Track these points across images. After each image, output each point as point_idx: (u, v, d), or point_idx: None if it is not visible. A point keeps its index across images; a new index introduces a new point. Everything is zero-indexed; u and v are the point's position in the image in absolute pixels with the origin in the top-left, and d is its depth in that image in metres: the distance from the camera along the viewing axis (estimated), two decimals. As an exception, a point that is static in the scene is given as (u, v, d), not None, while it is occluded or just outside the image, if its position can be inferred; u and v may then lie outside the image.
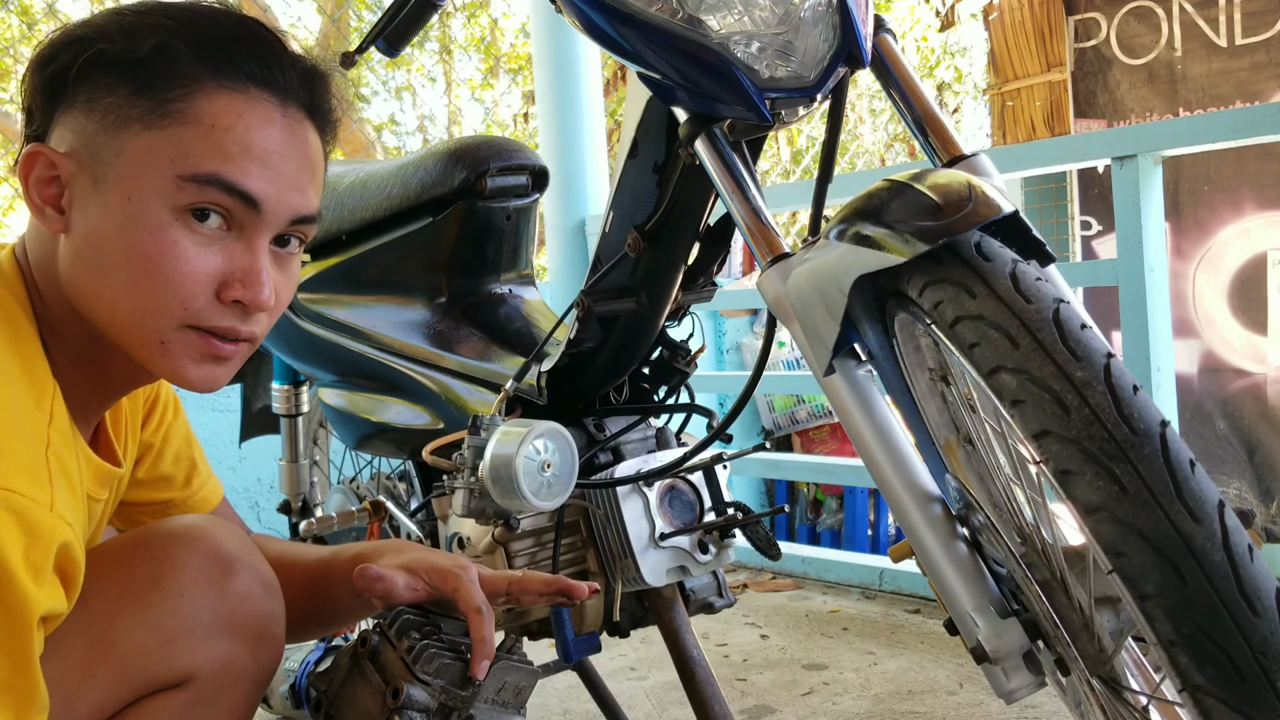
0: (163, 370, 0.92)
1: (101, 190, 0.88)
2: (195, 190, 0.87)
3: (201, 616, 0.96)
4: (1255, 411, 3.20)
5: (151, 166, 0.87)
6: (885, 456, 0.95)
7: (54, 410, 0.88)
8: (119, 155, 0.87)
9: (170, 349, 0.90)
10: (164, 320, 0.89)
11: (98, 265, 0.88)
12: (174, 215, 0.87)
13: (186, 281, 0.88)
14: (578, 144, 3.40)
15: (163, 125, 0.87)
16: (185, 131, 0.87)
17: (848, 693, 2.02)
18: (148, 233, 0.87)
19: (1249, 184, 3.24)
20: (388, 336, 1.64)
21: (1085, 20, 3.64)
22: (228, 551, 0.99)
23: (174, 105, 0.87)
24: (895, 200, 0.90)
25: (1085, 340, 0.79)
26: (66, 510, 0.84)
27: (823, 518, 4.20)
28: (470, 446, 1.26)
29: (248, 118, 0.89)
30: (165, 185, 0.87)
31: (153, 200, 0.87)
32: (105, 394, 0.99)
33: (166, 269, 0.87)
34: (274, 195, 0.90)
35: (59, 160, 0.88)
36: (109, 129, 0.87)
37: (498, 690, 1.06)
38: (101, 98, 0.88)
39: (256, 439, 2.12)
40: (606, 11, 1.05)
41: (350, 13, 6.79)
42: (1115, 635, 0.87)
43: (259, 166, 0.89)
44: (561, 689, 2.07)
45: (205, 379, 0.93)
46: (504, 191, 1.56)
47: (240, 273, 0.90)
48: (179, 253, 0.87)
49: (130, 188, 0.87)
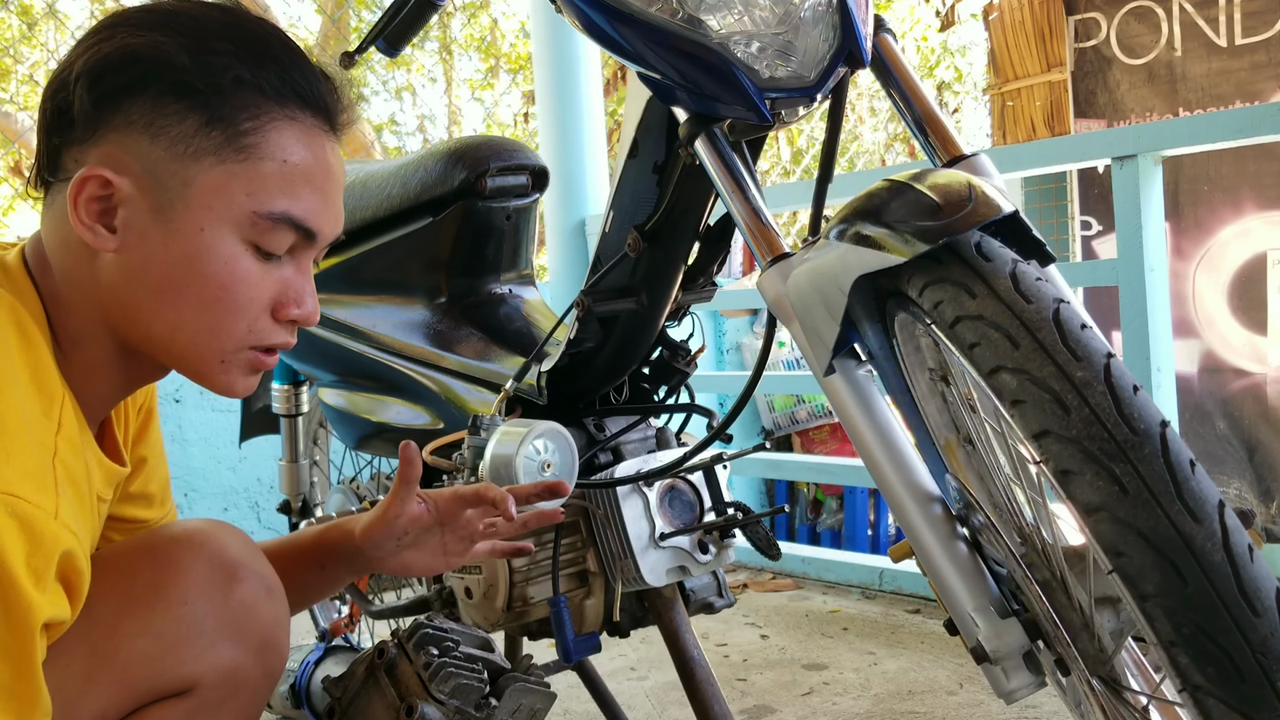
0: (216, 384, 0.97)
1: (168, 217, 0.90)
2: (268, 227, 0.92)
3: (205, 624, 0.95)
4: (1255, 411, 3.20)
5: (227, 200, 0.90)
6: (885, 456, 0.95)
7: (63, 419, 0.88)
8: (189, 185, 0.90)
9: (229, 366, 0.96)
10: (230, 342, 0.94)
11: (163, 289, 0.91)
12: (245, 246, 0.92)
13: (253, 307, 0.94)
14: (578, 144, 3.39)
15: (236, 160, 0.90)
16: (259, 168, 0.91)
17: (848, 693, 2.02)
18: (223, 264, 0.91)
19: (1249, 184, 3.24)
20: (388, 336, 1.64)
21: (1085, 20, 3.64)
22: (232, 557, 0.99)
23: (247, 140, 0.90)
24: (895, 200, 0.90)
25: (1085, 340, 0.79)
26: (71, 519, 0.84)
27: (823, 518, 4.20)
28: (470, 446, 1.26)
29: (308, 147, 0.94)
30: (239, 219, 0.91)
31: (227, 232, 0.91)
32: (117, 396, 1.00)
33: (240, 297, 0.93)
34: (330, 228, 0.97)
35: (117, 182, 0.89)
36: (178, 159, 0.89)
37: (513, 712, 1.06)
38: (169, 125, 0.89)
39: (256, 439, 2.12)
40: (606, 11, 1.05)
41: (350, 13, 6.79)
42: (1115, 635, 0.87)
43: (320, 203, 0.95)
44: (561, 689, 2.07)
45: (248, 389, 0.99)
46: (504, 191, 1.56)
47: (294, 294, 0.96)
48: (251, 281, 0.93)
49: (203, 219, 0.90)
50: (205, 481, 2.96)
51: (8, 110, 6.07)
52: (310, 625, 2.09)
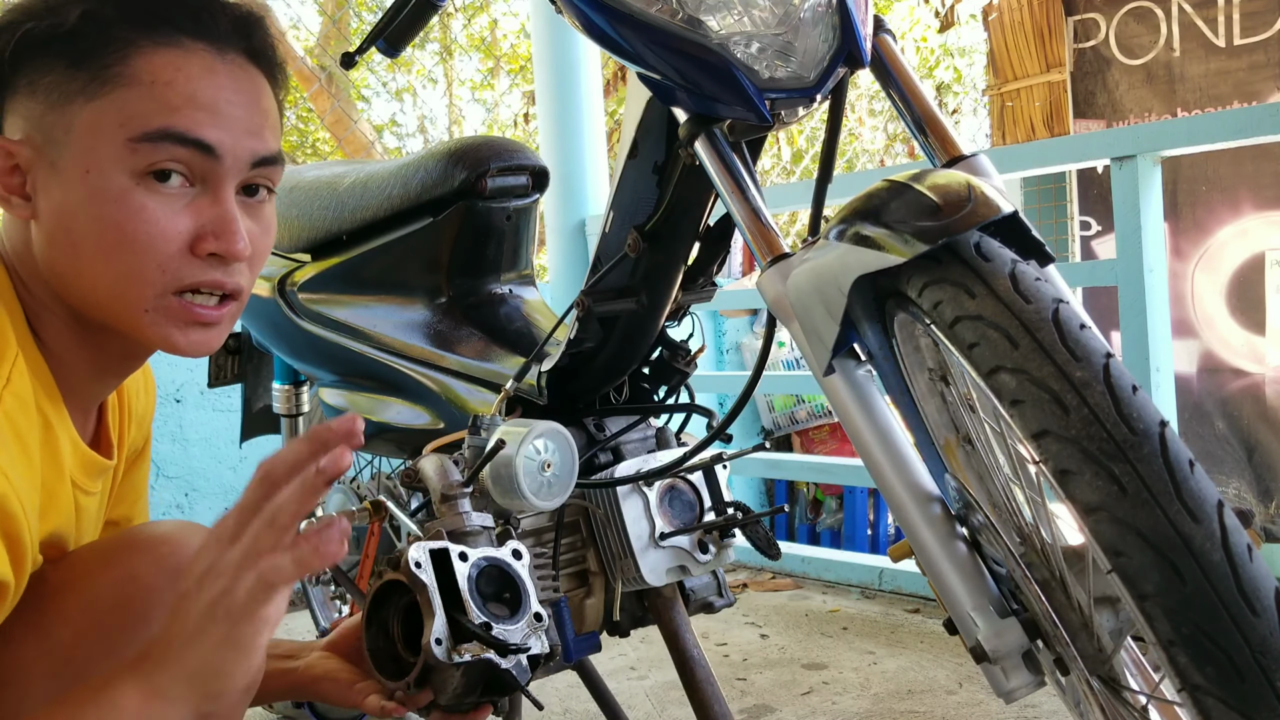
0: (152, 339, 0.91)
1: (60, 170, 0.87)
2: (150, 150, 0.86)
3: None
4: (1254, 411, 3.20)
5: (102, 135, 0.86)
6: (885, 456, 0.95)
7: (13, 375, 0.85)
8: (69, 132, 0.86)
9: (155, 317, 0.89)
10: (145, 288, 0.88)
11: (70, 244, 0.87)
12: (134, 180, 0.86)
13: (159, 243, 0.87)
14: (578, 144, 3.40)
15: (104, 93, 0.86)
16: (128, 94, 0.86)
17: (847, 692, 2.02)
18: (111, 202, 0.86)
19: (1247, 184, 3.24)
20: (388, 336, 1.64)
21: (1084, 21, 3.64)
22: None
23: (111, 70, 0.86)
24: (895, 200, 0.90)
25: (1084, 340, 0.79)
26: (10, 466, 0.80)
27: (822, 517, 4.20)
28: (470, 446, 1.26)
29: (187, 69, 0.88)
30: (119, 151, 0.86)
31: (110, 169, 0.86)
32: (102, 376, 0.97)
33: (139, 235, 0.86)
34: (229, 140, 0.89)
35: (15, 149, 0.88)
36: (55, 107, 0.87)
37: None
38: (41, 78, 0.87)
39: (257, 439, 2.13)
40: (606, 12, 1.05)
41: (350, 14, 6.79)
42: (1114, 635, 0.87)
43: (208, 114, 0.88)
44: (561, 689, 2.07)
45: (195, 344, 0.91)
46: (504, 192, 1.56)
47: (211, 225, 0.88)
48: (147, 215, 0.86)
49: (86, 161, 0.86)
50: (206, 481, 2.96)
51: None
52: (311, 625, 2.09)
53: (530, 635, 0.97)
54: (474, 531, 1.01)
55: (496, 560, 0.99)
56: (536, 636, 0.97)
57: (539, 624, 0.98)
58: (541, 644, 0.97)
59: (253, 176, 0.92)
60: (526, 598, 0.98)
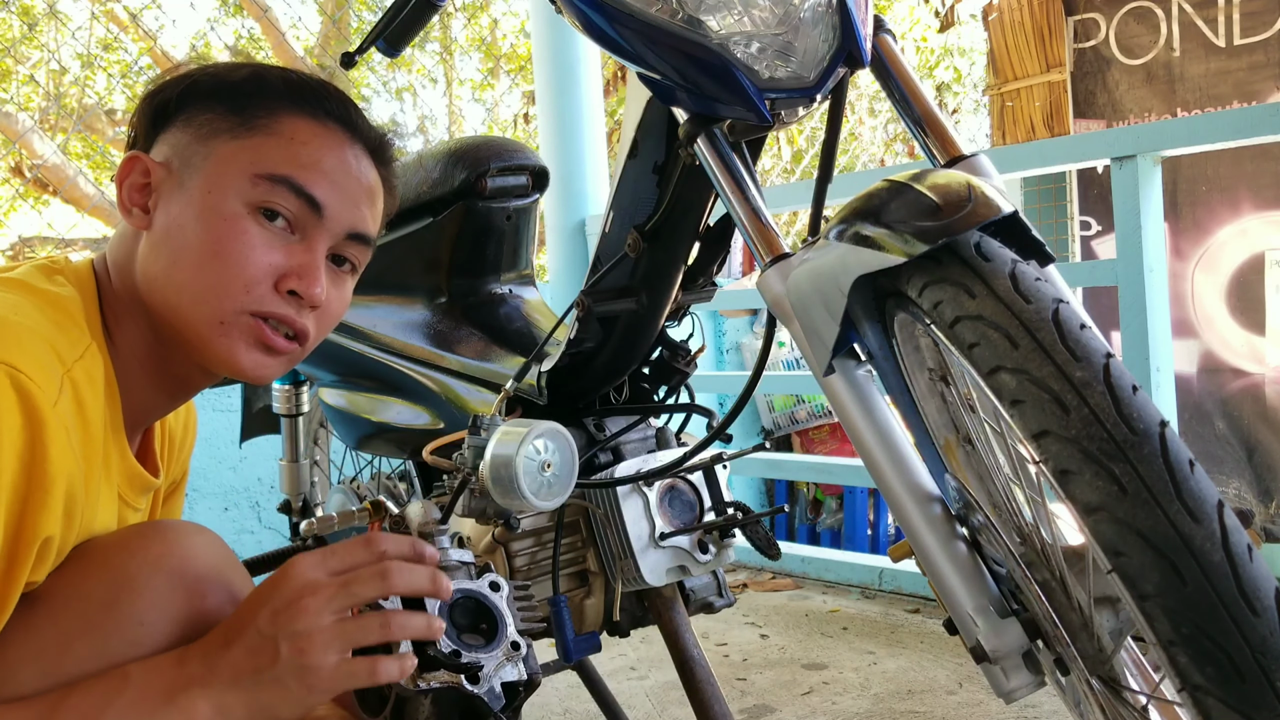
0: (218, 351, 0.97)
1: (186, 189, 0.97)
2: (268, 188, 0.96)
3: (162, 646, 0.88)
4: (1254, 411, 3.20)
5: (232, 166, 0.97)
6: (885, 456, 0.95)
7: (85, 355, 0.91)
8: (206, 159, 0.97)
9: (228, 330, 0.96)
10: (227, 301, 0.95)
11: (172, 251, 0.96)
12: (247, 209, 0.96)
13: (250, 267, 0.96)
14: (578, 144, 3.40)
15: (247, 135, 0.98)
16: (266, 141, 0.98)
17: (847, 692, 2.02)
18: (222, 220, 0.95)
19: (1247, 184, 3.24)
20: (388, 336, 1.64)
21: (1084, 20, 3.64)
22: (195, 571, 0.92)
23: (259, 121, 0.98)
24: (895, 200, 0.90)
25: (1084, 340, 0.79)
26: (73, 426, 0.86)
27: (822, 518, 4.20)
28: (470, 446, 1.26)
29: (321, 139, 1.00)
30: (242, 182, 0.96)
31: (230, 193, 0.96)
32: (158, 394, 1.02)
33: (234, 252, 0.95)
34: (335, 205, 1.00)
35: (154, 167, 0.98)
36: (201, 140, 0.98)
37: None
38: (197, 115, 0.99)
39: (257, 439, 2.13)
40: (606, 12, 1.05)
41: (350, 13, 6.79)
42: (1114, 635, 0.87)
43: (325, 179, 0.99)
44: (561, 689, 2.07)
45: (256, 365, 0.99)
46: (504, 191, 1.56)
47: (298, 267, 0.98)
48: (247, 240, 0.96)
49: (211, 183, 0.96)
50: (206, 481, 2.96)
51: (9, 110, 6.07)
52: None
53: (505, 664, 0.99)
54: (452, 566, 1.04)
55: (471, 592, 1.02)
56: (513, 664, 1.00)
57: (516, 652, 1.01)
58: (519, 672, 1.00)
59: (344, 246, 1.03)
60: (503, 627, 1.01)
